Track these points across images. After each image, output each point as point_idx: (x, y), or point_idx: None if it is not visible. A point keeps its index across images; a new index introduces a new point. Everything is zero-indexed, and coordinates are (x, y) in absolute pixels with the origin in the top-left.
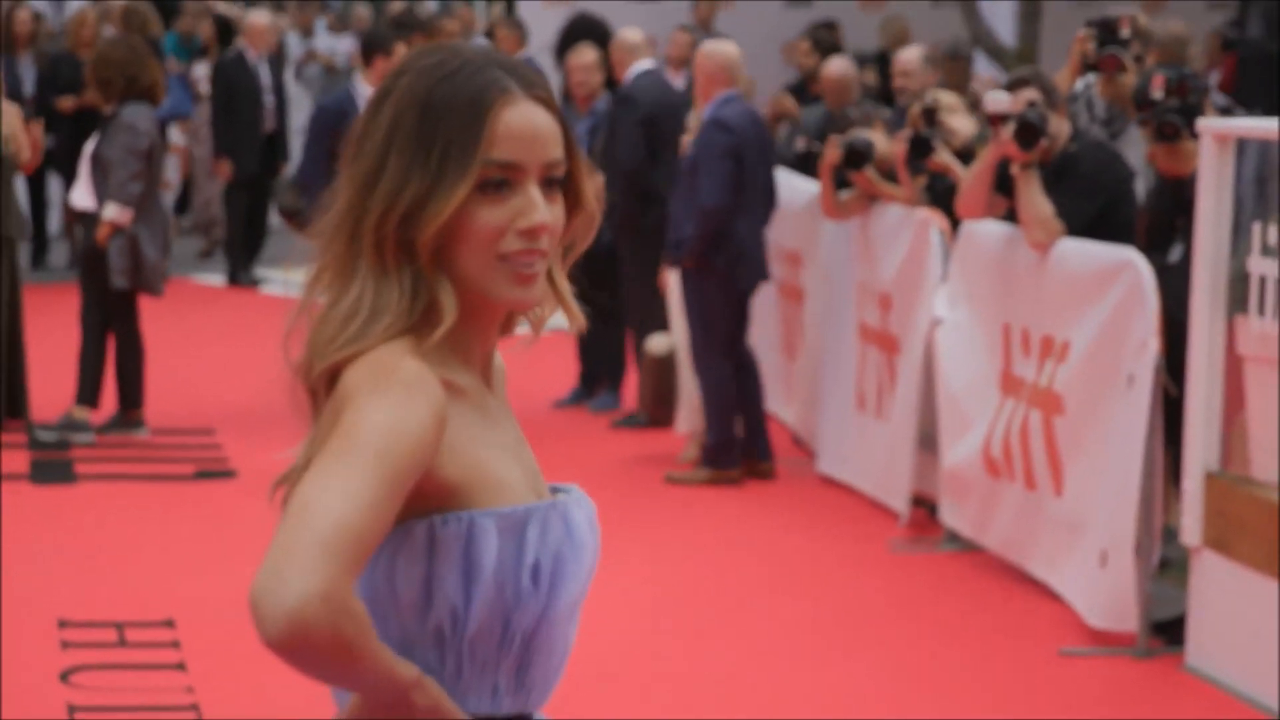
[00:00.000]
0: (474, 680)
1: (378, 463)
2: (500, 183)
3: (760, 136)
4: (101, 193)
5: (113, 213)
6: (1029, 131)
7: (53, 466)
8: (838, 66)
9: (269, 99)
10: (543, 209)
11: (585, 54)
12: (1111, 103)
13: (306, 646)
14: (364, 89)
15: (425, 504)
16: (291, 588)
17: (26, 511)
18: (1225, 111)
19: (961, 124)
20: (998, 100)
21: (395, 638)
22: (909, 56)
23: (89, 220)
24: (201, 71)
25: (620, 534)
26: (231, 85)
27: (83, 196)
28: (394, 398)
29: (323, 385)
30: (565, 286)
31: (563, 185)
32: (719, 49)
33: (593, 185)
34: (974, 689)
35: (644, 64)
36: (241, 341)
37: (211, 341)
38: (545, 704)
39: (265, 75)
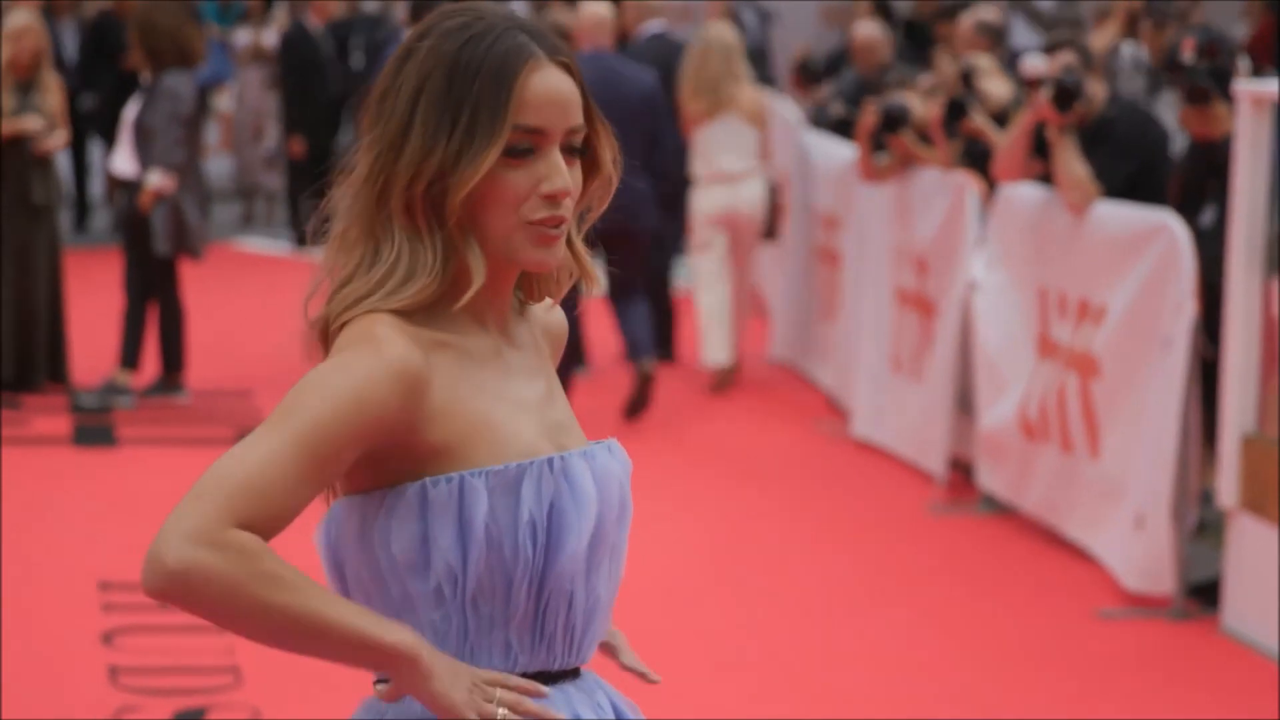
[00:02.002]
0: (483, 638)
1: (299, 426)
2: (526, 149)
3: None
4: (145, 159)
5: (157, 180)
6: (1066, 95)
7: (94, 430)
8: (866, 30)
9: (333, 69)
10: (565, 174)
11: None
12: (1155, 59)
13: (185, 591)
14: None
15: (419, 466)
16: (169, 541)
17: (68, 475)
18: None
19: (997, 88)
20: (1035, 64)
21: (397, 599)
22: (963, 25)
23: (131, 187)
24: (244, 37)
25: (656, 494)
26: (299, 58)
27: (124, 163)
28: (345, 360)
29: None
30: (583, 250)
31: (580, 150)
32: (584, 9)
33: (611, 151)
34: (1011, 650)
35: (655, 25)
36: (280, 305)
37: (251, 305)
38: (585, 658)
39: (329, 45)
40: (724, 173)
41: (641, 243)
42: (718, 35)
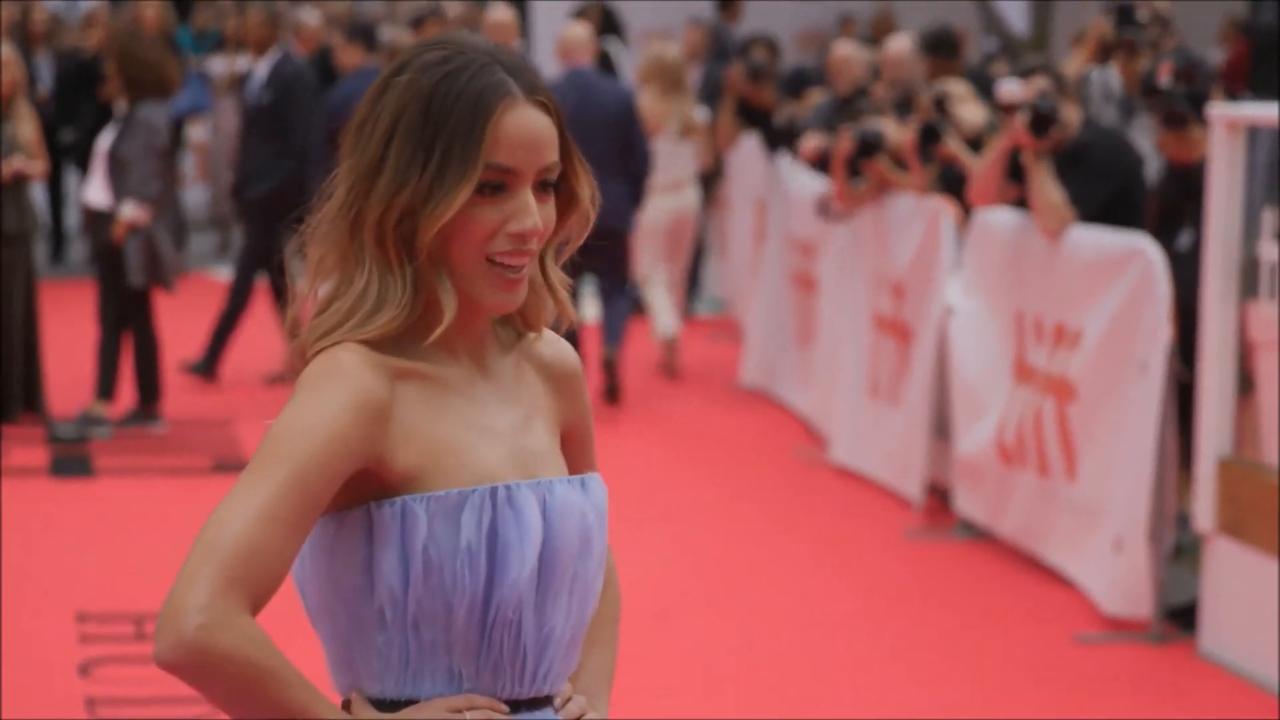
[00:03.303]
0: (425, 663)
1: (286, 477)
2: (497, 185)
3: None
4: (119, 190)
5: (130, 212)
6: (1042, 120)
7: (71, 461)
8: (842, 49)
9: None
10: (535, 214)
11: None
12: (1129, 86)
13: (204, 671)
14: None
15: (386, 491)
16: (187, 619)
17: (45, 506)
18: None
19: (971, 113)
20: (1010, 89)
21: (346, 624)
22: (899, 46)
23: (104, 218)
24: (220, 67)
25: (634, 519)
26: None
27: (97, 193)
28: (315, 396)
29: None
30: (559, 282)
31: (556, 185)
32: (566, 30)
33: (589, 188)
34: (989, 676)
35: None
36: (256, 335)
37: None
38: (545, 690)
39: (313, 75)
40: (672, 181)
41: (622, 243)
42: (662, 52)
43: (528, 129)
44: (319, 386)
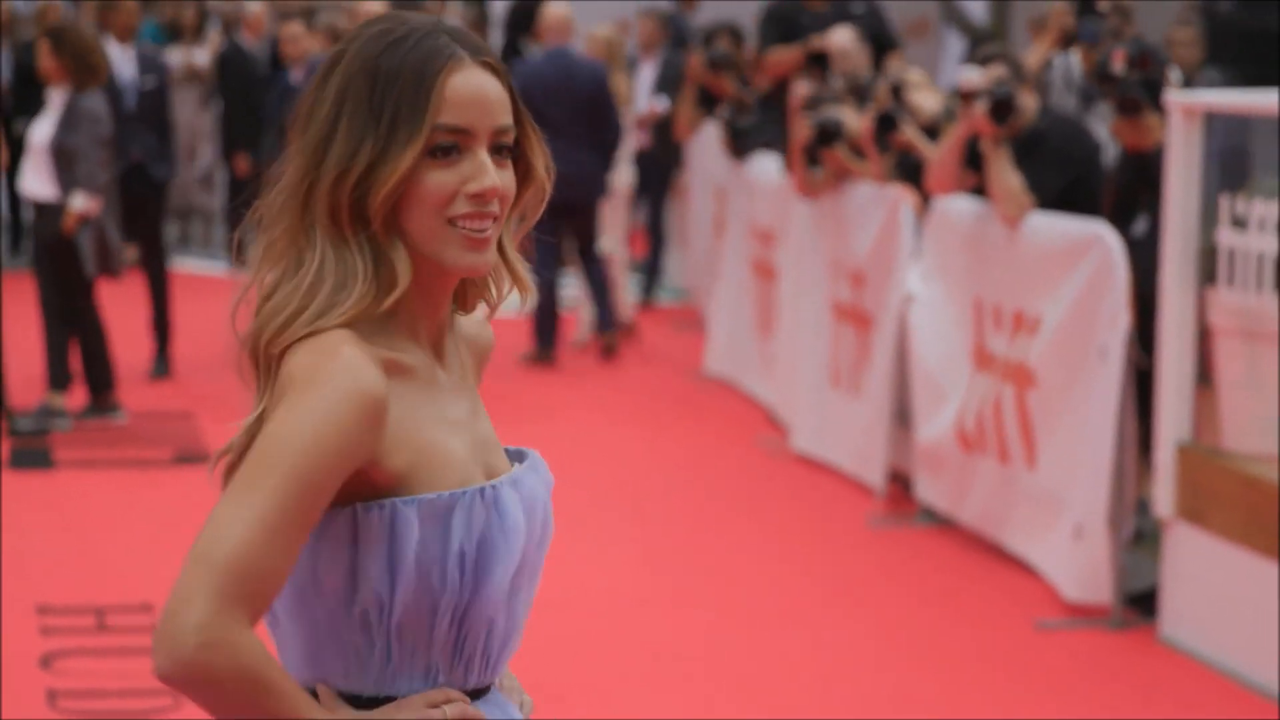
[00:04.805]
0: (405, 663)
1: (287, 486)
2: (450, 147)
3: None
4: (66, 182)
5: (81, 203)
6: (1002, 107)
7: (31, 453)
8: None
9: (271, 85)
10: (493, 173)
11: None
12: (1089, 74)
13: (203, 688)
14: None
15: (374, 492)
16: (186, 638)
17: (6, 498)
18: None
19: (927, 100)
20: (969, 76)
21: (322, 623)
22: (842, 38)
23: (49, 210)
24: (176, 57)
25: (597, 507)
26: (238, 77)
27: (37, 185)
28: (320, 397)
29: (276, 360)
30: (516, 259)
31: (513, 156)
32: (547, 9)
33: (542, 157)
34: (951, 663)
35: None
36: (219, 326)
37: (187, 326)
38: (495, 675)
39: (265, 62)
40: None
41: (594, 212)
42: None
43: (475, 88)
44: (320, 384)
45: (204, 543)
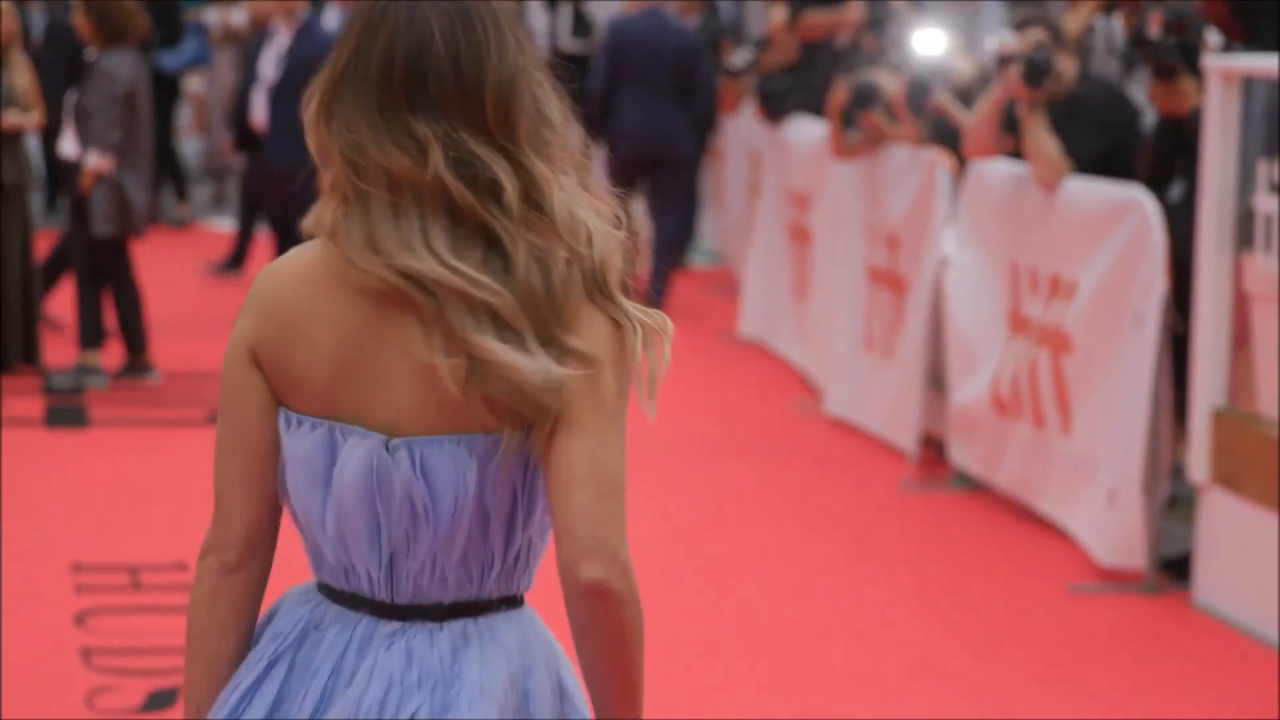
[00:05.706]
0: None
1: (623, 417)
2: None
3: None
4: (84, 140)
5: (94, 160)
6: (1036, 71)
7: (66, 411)
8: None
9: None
10: None
11: None
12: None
13: (626, 603)
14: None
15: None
16: (621, 553)
17: (40, 457)
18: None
19: (961, 65)
20: (1005, 41)
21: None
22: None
23: (75, 169)
24: (212, 18)
25: (631, 471)
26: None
27: (68, 145)
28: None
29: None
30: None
31: None
32: None
33: None
34: (984, 627)
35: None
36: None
37: (224, 284)
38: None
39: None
40: None
41: (681, 166)
42: None
43: None
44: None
45: (606, 470)
